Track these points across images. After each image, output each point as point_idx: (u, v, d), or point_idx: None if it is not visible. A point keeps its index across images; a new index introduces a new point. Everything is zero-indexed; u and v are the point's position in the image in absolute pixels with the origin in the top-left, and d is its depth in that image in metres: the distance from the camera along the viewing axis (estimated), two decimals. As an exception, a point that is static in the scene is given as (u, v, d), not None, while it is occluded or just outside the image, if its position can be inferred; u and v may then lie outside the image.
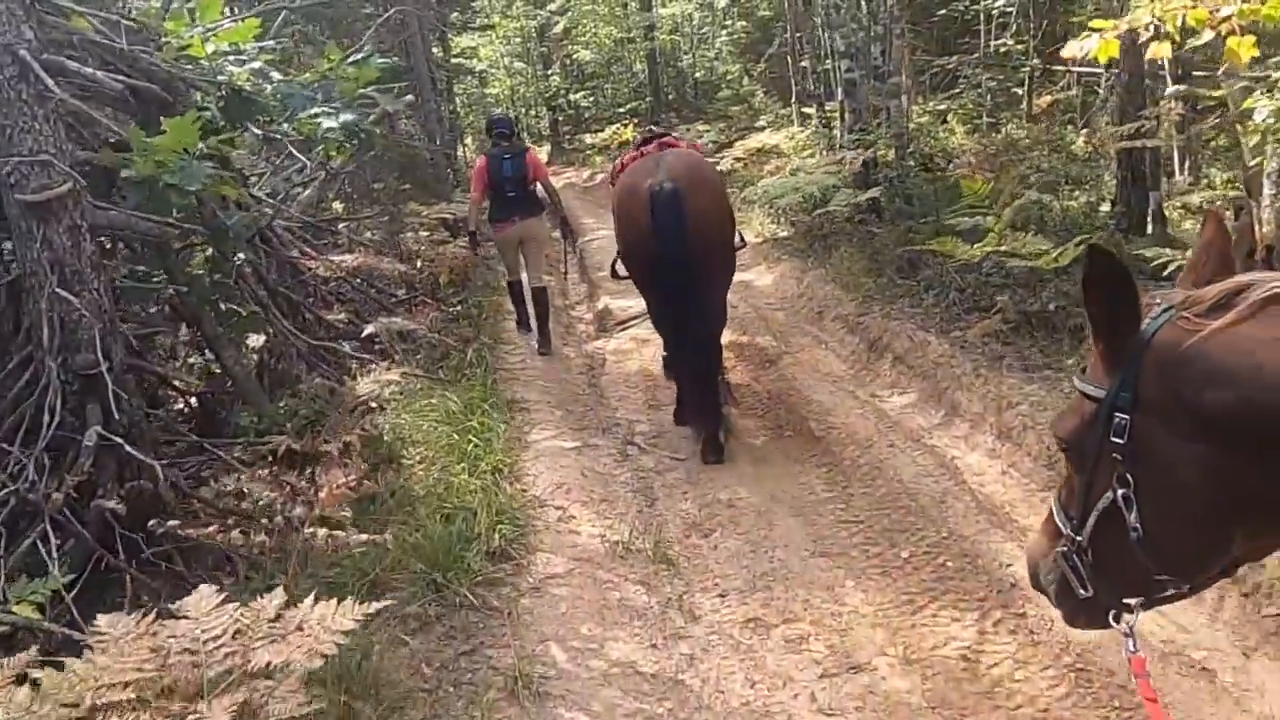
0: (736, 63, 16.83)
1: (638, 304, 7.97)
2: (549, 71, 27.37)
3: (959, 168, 8.07)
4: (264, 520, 2.85)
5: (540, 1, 25.38)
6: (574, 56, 25.09)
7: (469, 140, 28.77)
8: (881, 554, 4.00)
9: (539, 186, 7.04)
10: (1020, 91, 11.87)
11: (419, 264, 7.55)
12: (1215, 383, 1.20)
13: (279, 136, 4.26)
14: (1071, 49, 2.85)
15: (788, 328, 7.26)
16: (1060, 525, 1.53)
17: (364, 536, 2.78)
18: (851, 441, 5.11)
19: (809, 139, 12.35)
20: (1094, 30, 2.80)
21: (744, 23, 16.47)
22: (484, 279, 9.11)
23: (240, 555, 2.84)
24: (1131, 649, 1.49)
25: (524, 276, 7.18)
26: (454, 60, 17.94)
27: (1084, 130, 8.93)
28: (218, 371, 4.75)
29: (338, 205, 8.95)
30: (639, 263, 5.09)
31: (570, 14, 24.48)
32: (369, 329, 5.65)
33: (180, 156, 3.18)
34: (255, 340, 4.94)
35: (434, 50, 17.05)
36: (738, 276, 9.20)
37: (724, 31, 17.31)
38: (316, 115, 3.86)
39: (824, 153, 11.91)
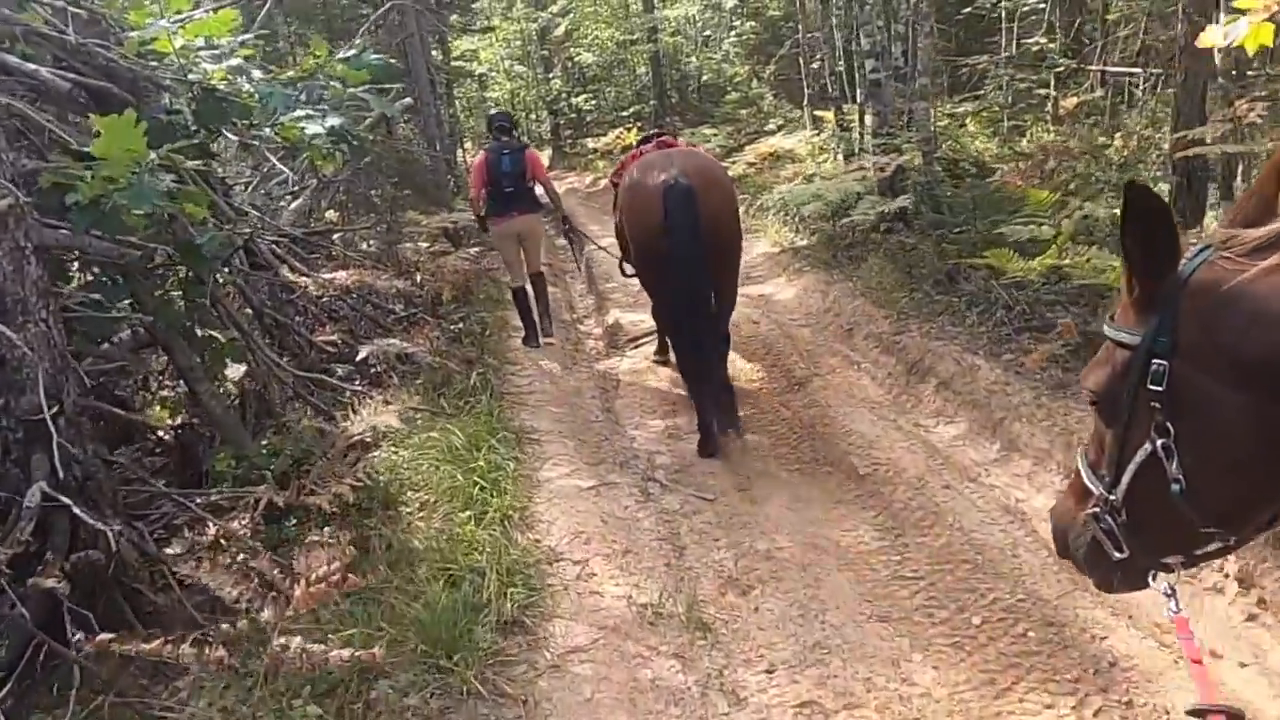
0: (744, 64, 16.33)
1: (649, 319, 7.50)
2: (550, 75, 26.88)
3: (1003, 174, 7.56)
4: (225, 626, 2.33)
5: (541, 3, 24.90)
6: (575, 59, 24.58)
7: (469, 144, 28.37)
8: (949, 619, 3.49)
9: (538, 185, 7.05)
10: (1044, 93, 11.39)
11: (418, 278, 7.03)
12: (1260, 326, 1.14)
13: (257, 143, 3.74)
14: (1211, 36, 2.34)
15: (815, 346, 6.75)
16: (1090, 485, 1.44)
17: (346, 653, 2.26)
18: (900, 480, 4.59)
19: (825, 143, 11.84)
20: (1239, 11, 2.29)
21: (753, 23, 15.98)
22: (487, 291, 8.61)
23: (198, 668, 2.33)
24: (1175, 609, 1.43)
25: (525, 270, 7.19)
26: (454, 63, 17.45)
27: (1118, 133, 8.43)
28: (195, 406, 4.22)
29: (332, 215, 8.44)
30: (649, 260, 5.00)
31: (572, 16, 24.00)
32: (364, 352, 5.14)
33: (131, 168, 2.66)
34: (237, 370, 4.43)
35: (434, 53, 16.58)
36: (756, 289, 8.79)
37: (732, 33, 16.80)
38: (300, 119, 3.35)
39: (841, 158, 11.41)
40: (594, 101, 24.87)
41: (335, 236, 7.51)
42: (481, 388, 5.88)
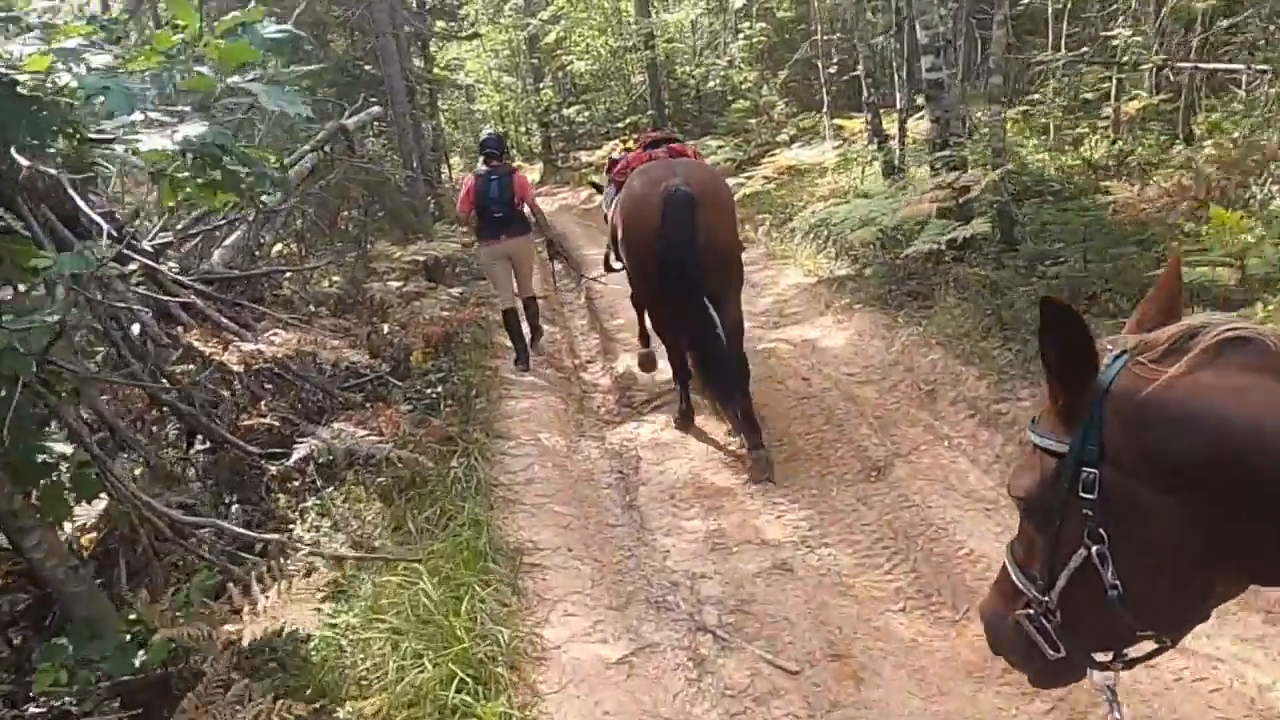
0: (753, 70, 15.02)
1: (667, 365, 6.15)
2: (540, 85, 25.53)
3: (1103, 191, 6.18)
4: None
5: (531, 9, 23.58)
6: (567, 68, 23.25)
7: (456, 159, 26.97)
8: None
9: (526, 208, 6.94)
10: (1094, 95, 10.08)
11: (386, 329, 5.62)
12: (1183, 433, 1.17)
13: (102, 162, 2.34)
14: None
15: (888, 413, 5.35)
16: (1020, 585, 1.45)
17: None
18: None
19: (854, 155, 10.46)
20: None
21: (763, 24, 14.66)
22: (474, 335, 7.19)
23: None
24: (1117, 716, 1.46)
25: (516, 294, 7.09)
26: (438, 72, 16.10)
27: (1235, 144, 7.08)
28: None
29: (288, 249, 7.03)
30: (647, 268, 4.89)
31: (563, 23, 22.69)
32: (299, 452, 3.72)
33: None
34: (93, 508, 3.00)
35: (415, 61, 15.20)
36: (798, 332, 7.38)
37: (740, 36, 15.47)
38: (131, 129, 1.95)
39: (880, 172, 10.06)
40: (587, 113, 23.52)
41: (287, 276, 6.09)
42: (465, 479, 4.49)
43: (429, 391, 5.46)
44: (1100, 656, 1.43)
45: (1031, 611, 1.43)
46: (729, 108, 17.31)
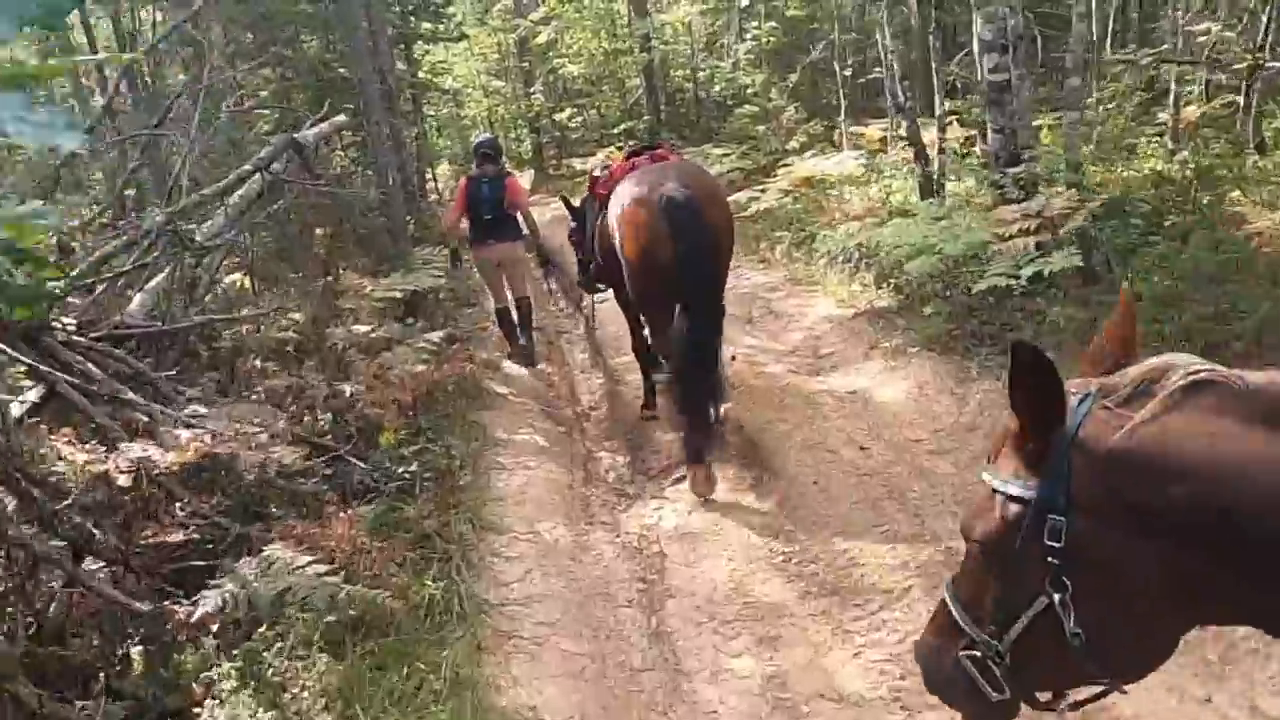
0: (760, 73, 13.99)
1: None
2: (531, 89, 24.46)
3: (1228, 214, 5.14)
4: None
5: (522, 10, 22.52)
6: (559, 72, 22.20)
7: (443, 168, 25.86)
8: None
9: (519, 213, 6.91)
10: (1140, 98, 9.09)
11: (349, 391, 4.53)
12: (1156, 482, 1.16)
13: None
14: None
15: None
16: (963, 626, 1.42)
17: None
18: None
19: (883, 167, 9.41)
20: None
21: (772, 23, 13.62)
22: (460, 385, 6.09)
23: None
24: None
25: (509, 296, 7.09)
26: (423, 75, 15.03)
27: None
28: None
29: (240, 283, 5.92)
30: (645, 274, 4.76)
31: (555, 24, 21.64)
32: (205, 604, 2.64)
33: None
34: None
35: (398, 65, 14.11)
36: (840, 381, 6.24)
37: (747, 36, 14.44)
38: None
39: (901, 181, 9.02)
40: (580, 118, 22.46)
41: (237, 323, 5.00)
42: (444, 607, 3.43)
43: (400, 471, 4.36)
44: (1042, 696, 1.42)
45: (977, 654, 1.40)
46: (733, 113, 16.28)
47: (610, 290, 6.22)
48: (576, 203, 6.85)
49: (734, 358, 6.80)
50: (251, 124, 7.98)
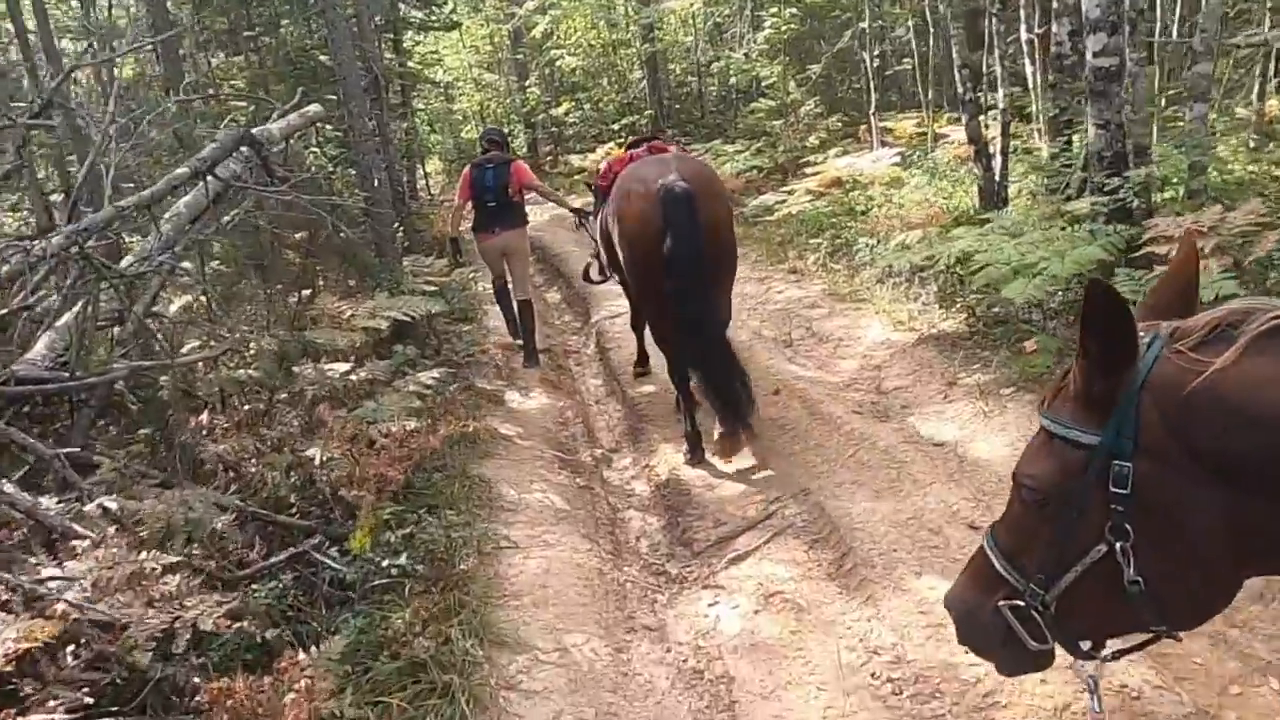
0: (777, 64, 12.97)
1: (752, 495, 4.20)
2: (526, 83, 23.38)
3: None
4: None
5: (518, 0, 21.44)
6: (556, 64, 21.13)
7: (434, 164, 24.76)
8: None
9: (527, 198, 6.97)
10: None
11: (316, 459, 3.50)
12: (1239, 429, 1.12)
13: None
14: None
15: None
16: (1005, 574, 1.38)
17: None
18: None
19: (945, 169, 8.41)
20: None
21: (792, 9, 12.59)
22: (457, 458, 4.99)
23: None
24: (1097, 709, 1.44)
25: (511, 288, 7.05)
26: (412, 66, 13.96)
27: None
28: None
29: (188, 302, 4.88)
30: (645, 266, 4.74)
31: (552, 14, 20.59)
32: None
33: None
34: None
35: (387, 54, 13.01)
36: (925, 427, 4.92)
37: (765, 25, 13.40)
38: None
39: (957, 184, 8.03)
40: (579, 113, 21.40)
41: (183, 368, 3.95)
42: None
43: (387, 565, 3.34)
44: (1085, 644, 1.39)
45: (1020, 603, 1.36)
46: (744, 107, 15.28)
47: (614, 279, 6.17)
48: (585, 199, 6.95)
49: (777, 392, 5.81)
50: (220, 117, 6.93)
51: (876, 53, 13.56)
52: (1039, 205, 6.49)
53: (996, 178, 7.16)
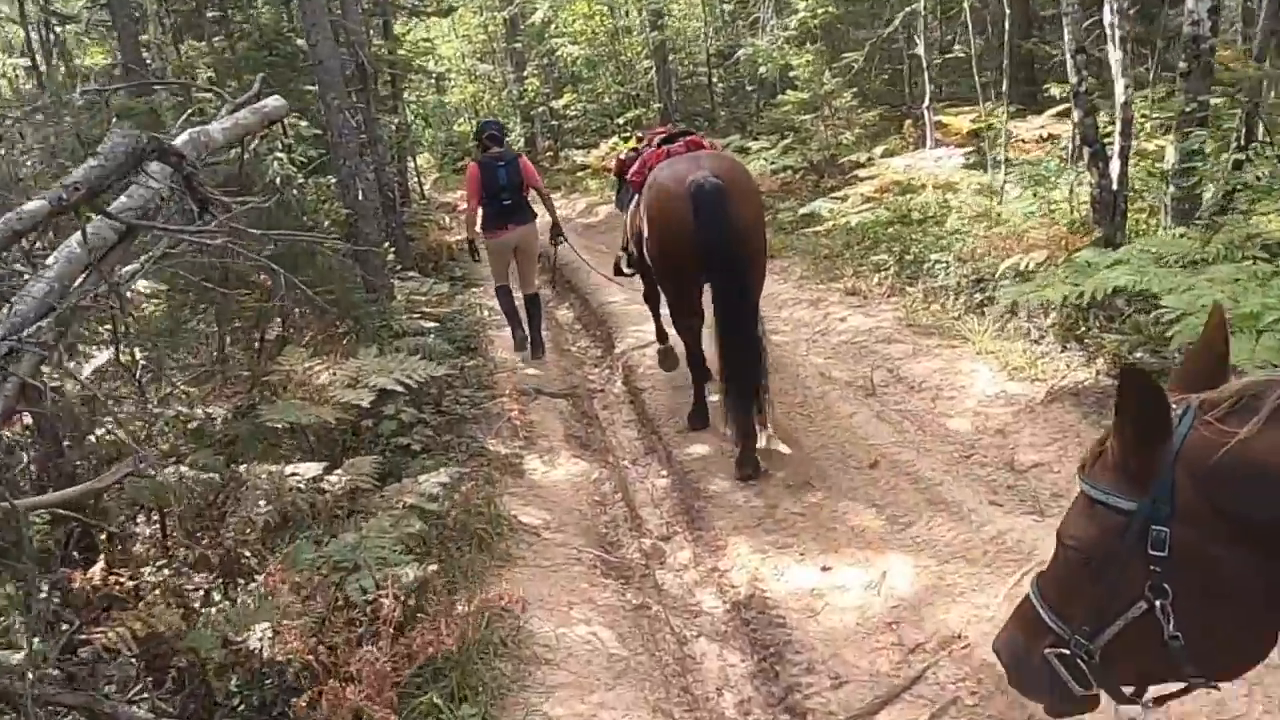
0: (807, 52, 11.67)
1: (881, 634, 3.03)
2: (523, 74, 22.03)
3: None
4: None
5: (513, -15, 20.10)
6: (557, 53, 19.78)
7: (425, 159, 23.40)
8: None
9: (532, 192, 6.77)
10: None
11: (260, 650, 2.22)
12: (1262, 494, 1.20)
13: None
14: None
15: None
16: (1051, 624, 1.44)
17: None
18: None
19: (1042, 174, 7.12)
20: None
21: (830, -10, 11.31)
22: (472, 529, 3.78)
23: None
24: None
25: (514, 286, 6.92)
26: (403, 54, 12.63)
27: None
28: None
29: (103, 364, 3.60)
30: (676, 264, 4.73)
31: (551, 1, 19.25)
32: None
33: None
34: None
35: (375, 40, 11.65)
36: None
37: (800, 9, 12.08)
38: None
39: (1079, 199, 6.77)
40: (580, 105, 20.07)
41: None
42: None
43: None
44: (1128, 690, 1.44)
45: (1065, 651, 1.42)
46: (766, 100, 14.01)
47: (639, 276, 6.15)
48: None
49: (875, 464, 4.56)
50: (162, 116, 5.60)
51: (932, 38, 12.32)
52: (1213, 227, 5.20)
53: (1114, 186, 5.91)
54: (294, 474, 3.03)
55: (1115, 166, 5.94)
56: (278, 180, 4.01)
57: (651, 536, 4.54)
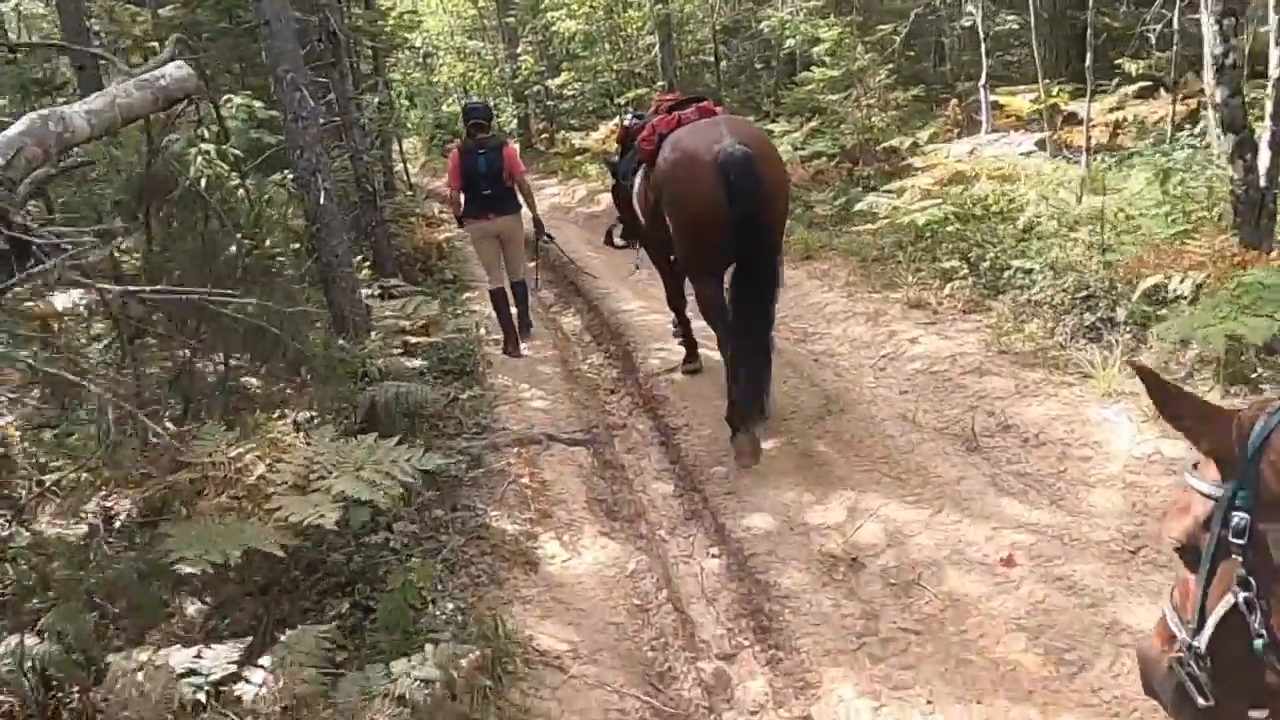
0: (834, 25, 10.46)
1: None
2: (517, 51, 20.71)
3: None
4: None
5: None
6: (552, 28, 18.46)
7: (412, 143, 22.08)
8: None
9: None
10: None
11: None
12: None
13: None
14: None
15: None
16: (1175, 628, 1.46)
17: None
18: None
19: (1173, 166, 5.91)
20: None
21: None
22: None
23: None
24: None
25: (504, 277, 6.65)
26: (386, 24, 11.36)
27: None
28: None
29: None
30: (697, 234, 4.52)
31: (546, -29, 17.92)
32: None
33: None
34: None
35: (355, 10, 10.38)
36: None
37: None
38: None
39: (1168, 188, 5.60)
40: (578, 84, 18.79)
41: None
42: None
43: None
44: (1256, 714, 1.39)
45: (1183, 655, 1.42)
46: (790, 78, 12.80)
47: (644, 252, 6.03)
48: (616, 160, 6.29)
49: (1009, 561, 3.43)
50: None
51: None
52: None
53: (1262, 182, 4.78)
54: (190, 671, 1.88)
55: (1264, 158, 4.80)
56: (201, 183, 2.85)
57: (710, 656, 3.40)
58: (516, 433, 4.86)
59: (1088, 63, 6.72)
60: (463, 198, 6.45)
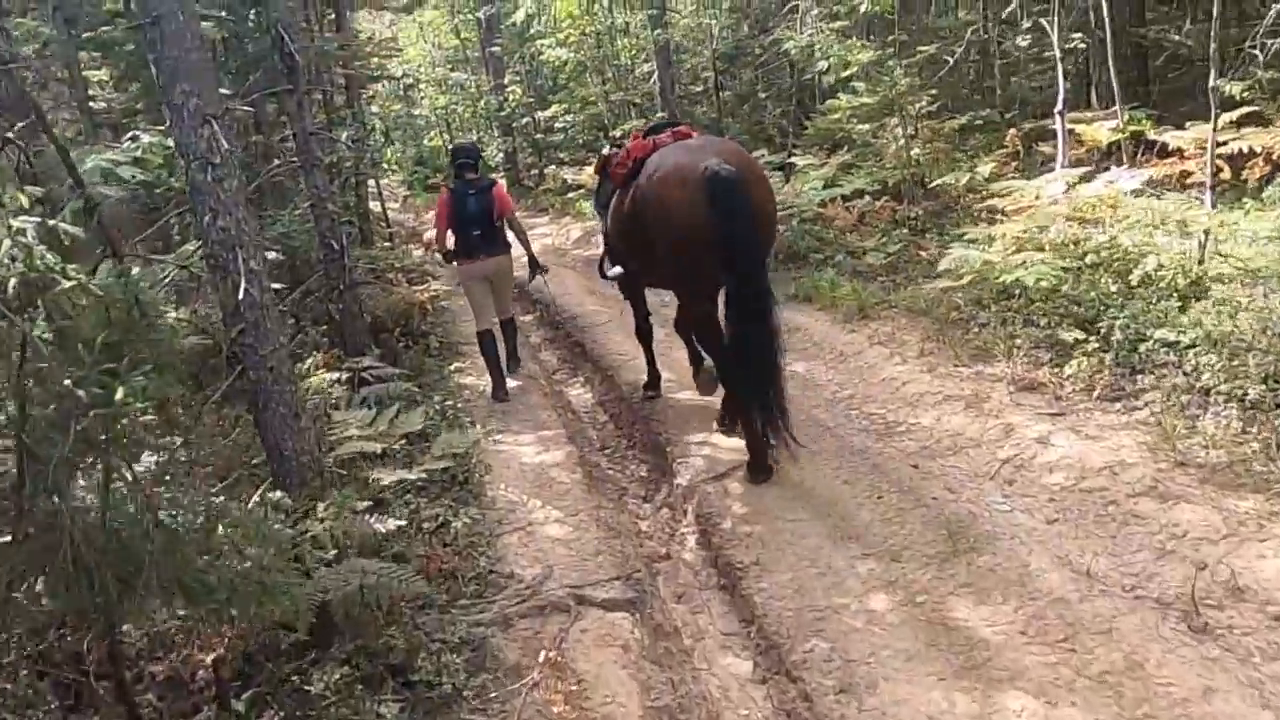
0: (868, 48, 9.27)
1: None
2: (503, 82, 19.54)
3: None
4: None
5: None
6: (541, 56, 17.29)
7: (395, 177, 20.81)
8: None
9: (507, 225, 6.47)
10: None
11: None
12: None
13: None
14: None
15: None
16: None
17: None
18: None
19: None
20: None
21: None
22: None
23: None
24: None
25: (494, 318, 6.51)
26: (360, 50, 10.10)
27: None
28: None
29: None
30: (687, 255, 4.42)
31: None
32: None
33: None
34: None
35: (327, 34, 9.11)
36: None
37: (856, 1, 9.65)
38: None
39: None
40: (568, 116, 17.61)
41: None
42: None
43: None
44: None
45: None
46: (809, 105, 11.62)
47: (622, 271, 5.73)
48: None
49: None
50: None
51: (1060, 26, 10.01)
52: None
53: None
54: None
55: None
56: (9, 286, 1.57)
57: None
58: (531, 592, 3.50)
59: (1211, 81, 5.51)
60: (452, 239, 6.33)
